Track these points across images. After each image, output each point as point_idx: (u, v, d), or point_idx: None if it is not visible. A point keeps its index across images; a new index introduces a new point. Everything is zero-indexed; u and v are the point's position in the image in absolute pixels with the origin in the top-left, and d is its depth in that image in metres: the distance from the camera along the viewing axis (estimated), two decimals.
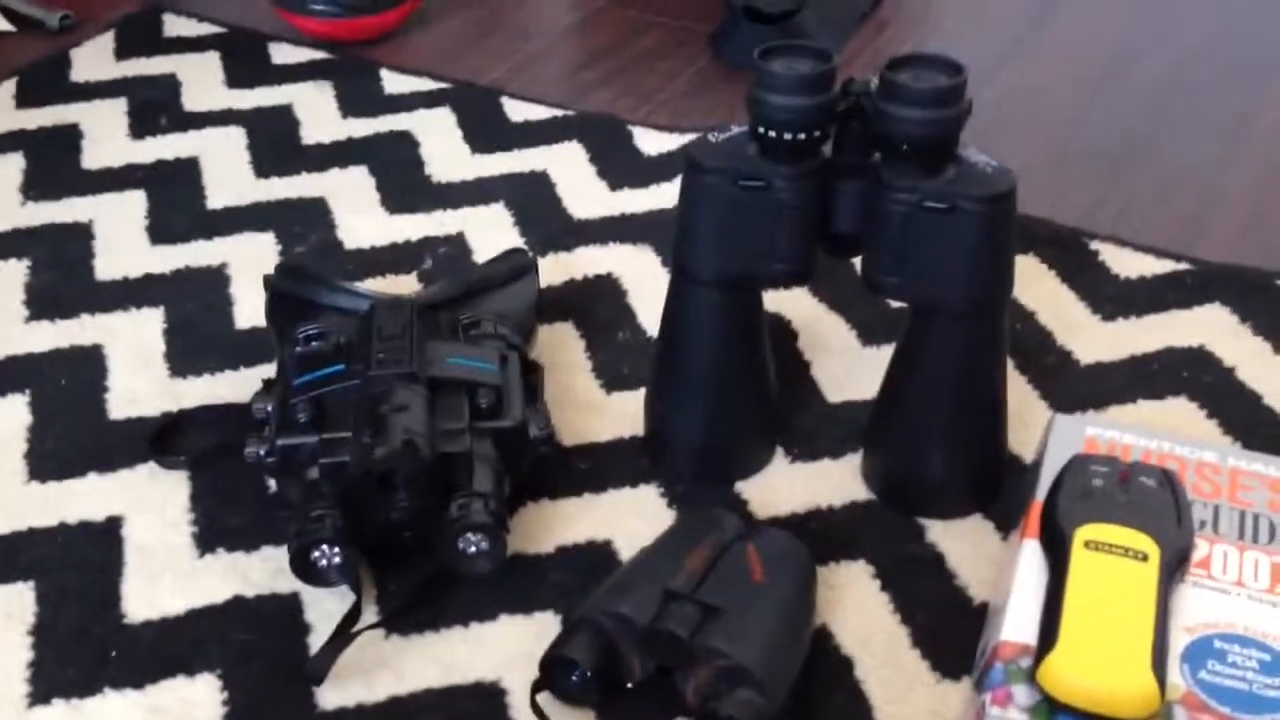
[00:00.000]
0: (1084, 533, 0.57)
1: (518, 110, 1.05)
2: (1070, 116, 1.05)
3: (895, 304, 0.82)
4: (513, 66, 1.13)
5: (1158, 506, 0.58)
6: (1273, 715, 0.52)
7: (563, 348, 0.81)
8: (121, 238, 0.91)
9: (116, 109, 1.06)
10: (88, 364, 0.79)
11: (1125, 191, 0.95)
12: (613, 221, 0.92)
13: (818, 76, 0.61)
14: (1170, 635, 0.54)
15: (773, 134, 0.62)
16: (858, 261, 0.66)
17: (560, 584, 0.65)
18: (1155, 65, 1.12)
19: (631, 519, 0.69)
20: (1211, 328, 0.81)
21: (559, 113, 1.05)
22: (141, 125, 1.03)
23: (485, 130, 1.02)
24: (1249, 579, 0.57)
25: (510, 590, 0.65)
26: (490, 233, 0.91)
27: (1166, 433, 0.65)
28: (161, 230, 0.91)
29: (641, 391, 0.75)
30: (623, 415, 0.75)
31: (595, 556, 0.67)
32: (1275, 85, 1.09)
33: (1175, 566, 0.56)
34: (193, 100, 1.07)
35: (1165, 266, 0.86)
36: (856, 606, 0.64)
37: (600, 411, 0.76)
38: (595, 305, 0.84)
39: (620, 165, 0.98)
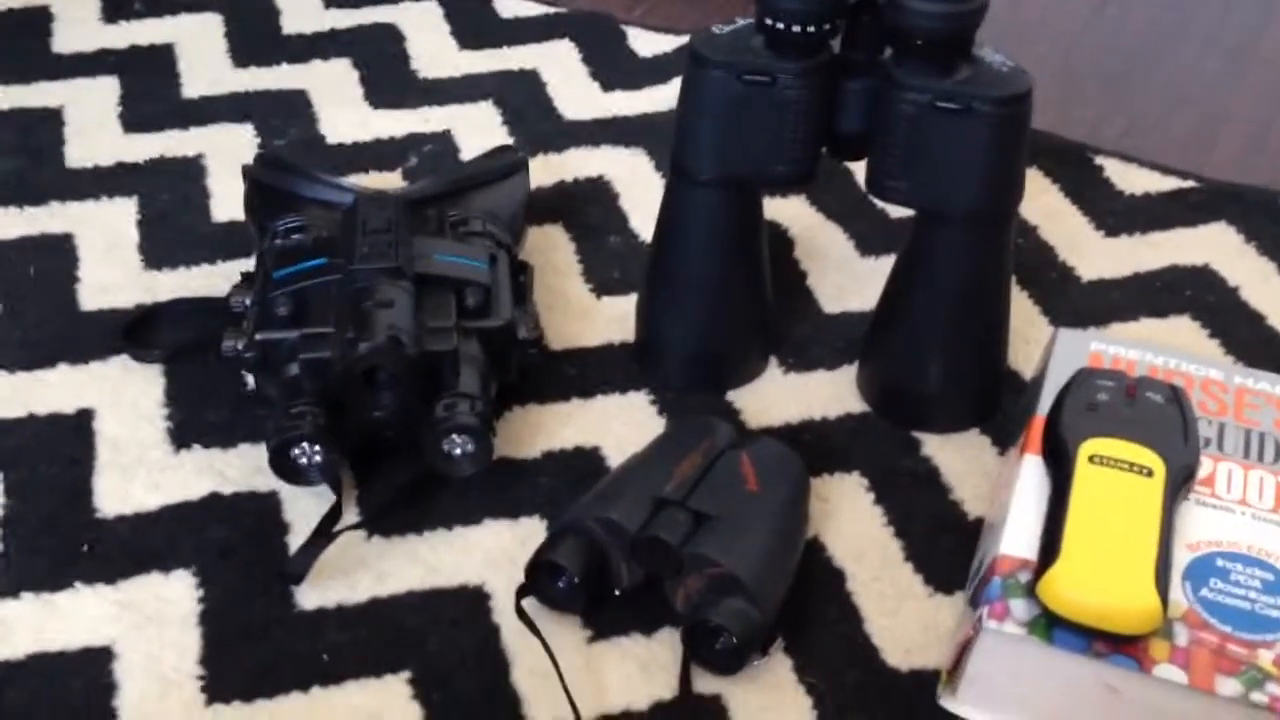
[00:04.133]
0: (1088, 447, 0.55)
1: (508, 6, 1.01)
2: (1076, 31, 1.02)
3: (895, 215, 0.80)
4: None
5: (1164, 422, 0.57)
6: (1273, 634, 0.51)
7: (553, 250, 0.78)
8: (93, 124, 0.87)
9: None
10: (58, 253, 0.76)
11: (1130, 109, 0.93)
12: (605, 123, 0.89)
13: None
14: (1173, 552, 0.53)
15: (780, 26, 0.60)
16: (858, 168, 0.64)
17: (547, 489, 0.64)
18: None
19: (620, 425, 0.67)
20: (1216, 247, 0.79)
21: (550, 10, 1.01)
22: (115, 9, 0.99)
23: (474, 26, 0.99)
24: (1253, 498, 0.56)
25: (496, 494, 0.63)
26: (478, 132, 0.88)
27: (1173, 349, 0.64)
28: (135, 118, 0.88)
29: (632, 297, 0.73)
30: (612, 320, 0.73)
31: (583, 462, 0.65)
32: (1277, 9, 1.06)
33: (1180, 483, 0.55)
34: None
35: (1170, 184, 0.84)
36: (849, 519, 0.63)
37: (590, 315, 0.74)
38: (586, 208, 0.82)
39: (613, 66, 0.95)
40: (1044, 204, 0.83)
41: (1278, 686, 0.49)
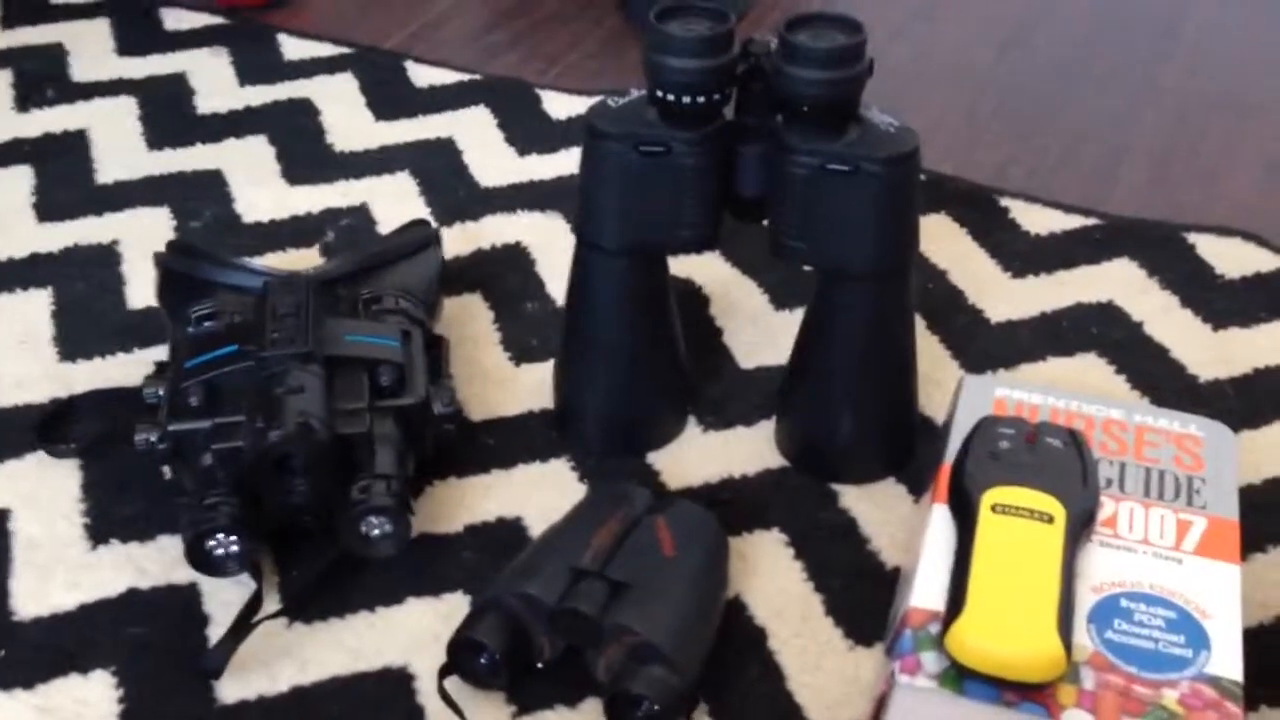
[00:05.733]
0: (991, 496, 0.56)
1: (422, 75, 1.02)
2: (980, 75, 1.04)
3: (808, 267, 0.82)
4: (417, 30, 1.10)
5: (1063, 467, 0.58)
6: (1179, 673, 0.52)
7: (470, 320, 0.79)
8: (7, 215, 0.87)
9: (1, 81, 1.01)
10: None
11: (1034, 148, 0.95)
12: (521, 188, 0.90)
13: (716, 38, 0.60)
14: (1077, 596, 0.54)
15: (672, 98, 0.61)
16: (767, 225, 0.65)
17: (470, 564, 0.64)
18: (1061, 25, 1.12)
19: (542, 494, 0.68)
20: (1120, 283, 0.81)
21: (465, 77, 1.02)
22: (28, 97, 0.99)
23: (389, 96, 1.00)
24: (1155, 536, 0.57)
25: (418, 572, 0.63)
26: (395, 203, 0.88)
27: (1073, 392, 0.65)
28: (49, 207, 0.88)
29: (550, 363, 0.74)
30: (531, 388, 0.74)
31: (505, 534, 0.65)
32: (1177, 43, 1.10)
33: (1081, 527, 0.56)
34: (82, 69, 1.02)
35: (1074, 222, 0.86)
36: (769, 576, 0.64)
37: (509, 384, 0.74)
38: (503, 275, 0.82)
39: (528, 130, 0.96)
40: (953, 248, 0.84)
41: None
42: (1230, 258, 0.83)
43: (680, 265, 0.80)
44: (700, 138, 0.62)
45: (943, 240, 0.85)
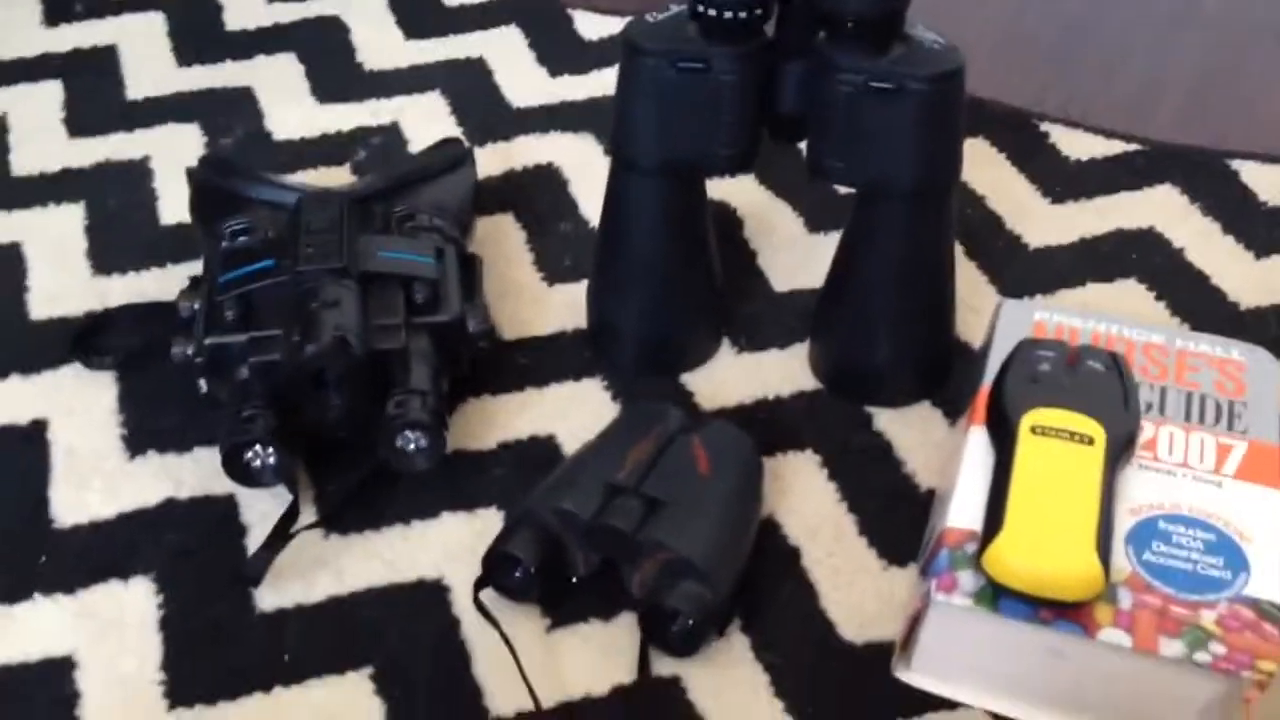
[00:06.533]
0: (1030, 418, 0.56)
1: None
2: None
3: (843, 190, 0.81)
4: None
5: (1104, 390, 0.58)
6: (1215, 594, 0.52)
7: (503, 240, 0.78)
8: (38, 130, 0.86)
9: None
10: (6, 263, 0.76)
11: (1074, 72, 0.93)
12: (552, 109, 0.89)
13: None
14: (1115, 518, 0.54)
15: (712, 12, 0.60)
16: (804, 145, 0.64)
17: (503, 480, 0.64)
18: None
19: (575, 413, 0.68)
20: (1161, 209, 0.80)
21: None
22: (56, 12, 0.98)
23: (419, 15, 0.98)
24: (1194, 460, 0.57)
25: (452, 487, 0.63)
26: (426, 122, 0.87)
27: (1114, 315, 0.64)
28: (80, 122, 0.87)
29: (584, 283, 0.73)
30: (565, 307, 0.74)
31: (538, 452, 0.66)
32: None
33: (1121, 450, 0.56)
34: None
35: (1115, 148, 0.85)
36: (803, 496, 0.64)
37: (542, 304, 0.74)
38: (536, 196, 0.82)
39: (560, 50, 0.94)
40: (991, 173, 0.83)
41: (1220, 646, 0.50)
42: (1273, 184, 0.82)
43: (716, 188, 0.79)
44: (740, 54, 0.61)
45: (982, 165, 0.84)
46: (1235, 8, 1.01)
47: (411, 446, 0.61)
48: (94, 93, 0.90)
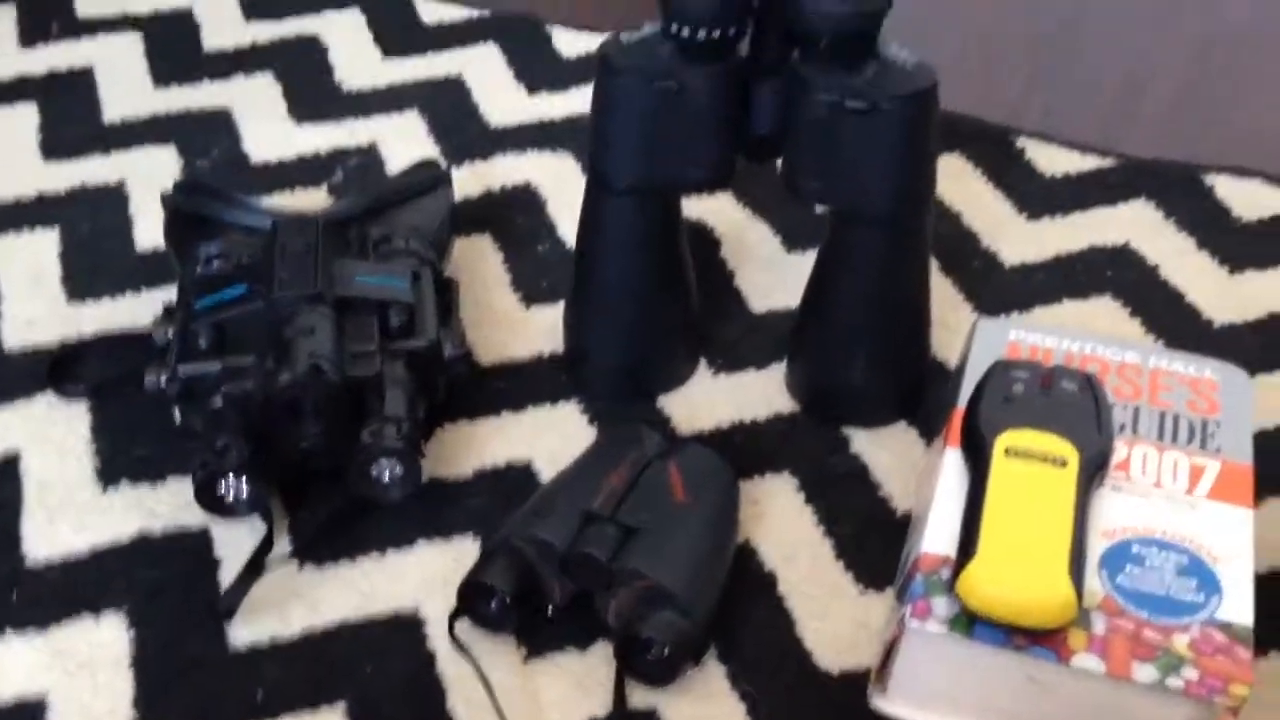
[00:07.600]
0: (1004, 439, 0.56)
1: (431, 12, 1.00)
2: (995, 7, 1.02)
3: (821, 208, 0.81)
4: None
5: (1078, 411, 0.58)
6: (1188, 617, 0.52)
7: (481, 261, 0.78)
8: (13, 154, 0.86)
9: (6, 17, 1.00)
10: None
11: (1050, 87, 0.93)
12: (531, 128, 0.89)
13: None
14: (1089, 541, 0.54)
15: (686, 32, 0.60)
16: (781, 164, 0.64)
17: (479, 508, 0.64)
18: None
19: (552, 438, 0.67)
20: (1136, 225, 0.80)
21: (474, 13, 1.00)
22: (32, 33, 0.98)
23: (397, 33, 0.98)
24: (1167, 481, 0.57)
25: (428, 516, 0.63)
26: (404, 143, 0.87)
27: (1089, 334, 0.64)
28: (55, 145, 0.87)
29: (561, 305, 0.73)
30: (542, 331, 0.73)
31: (515, 478, 0.65)
32: None
33: (1094, 471, 0.56)
34: (86, 5, 1.01)
35: (1090, 163, 0.85)
36: (780, 520, 0.64)
37: (519, 327, 0.74)
38: (514, 216, 0.82)
39: (539, 68, 0.94)
40: (967, 190, 0.83)
41: (1192, 670, 0.50)
42: (1248, 199, 0.82)
43: (692, 207, 0.79)
44: (715, 74, 0.61)
45: (958, 181, 0.84)
46: (1211, 21, 1.01)
47: (386, 476, 0.61)
48: (70, 115, 0.90)
